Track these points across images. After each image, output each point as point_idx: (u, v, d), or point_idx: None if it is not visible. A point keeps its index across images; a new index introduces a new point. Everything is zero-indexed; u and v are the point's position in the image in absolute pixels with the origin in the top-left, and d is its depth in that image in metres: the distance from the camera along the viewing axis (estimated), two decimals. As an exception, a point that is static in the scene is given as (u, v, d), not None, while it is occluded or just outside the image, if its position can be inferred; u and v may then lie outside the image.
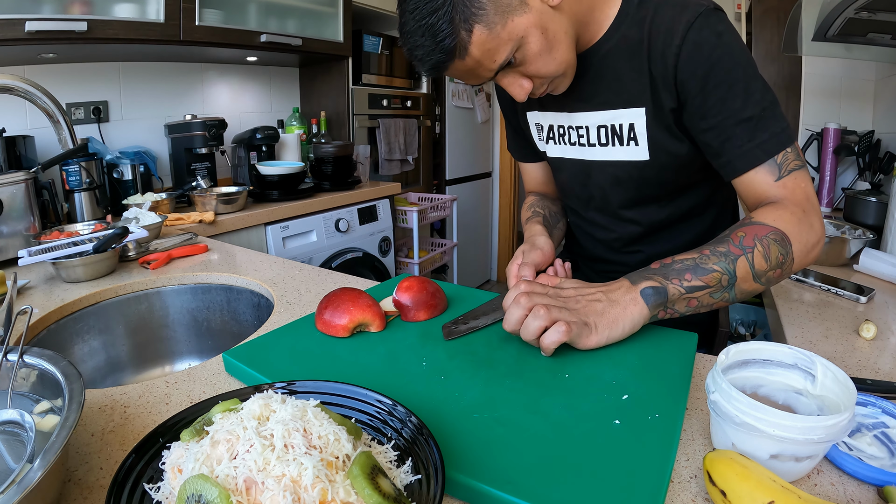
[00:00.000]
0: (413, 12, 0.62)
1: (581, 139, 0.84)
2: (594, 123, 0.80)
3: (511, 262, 0.80)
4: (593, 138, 0.82)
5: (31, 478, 0.33)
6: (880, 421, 0.50)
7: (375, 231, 2.25)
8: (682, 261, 0.64)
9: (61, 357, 0.49)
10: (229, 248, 1.24)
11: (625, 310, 0.62)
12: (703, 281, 0.63)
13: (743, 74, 0.66)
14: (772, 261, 0.64)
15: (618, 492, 0.40)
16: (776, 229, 0.64)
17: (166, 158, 2.01)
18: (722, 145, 0.69)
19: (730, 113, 0.67)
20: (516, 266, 0.77)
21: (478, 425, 0.48)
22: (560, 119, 0.86)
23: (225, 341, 1.04)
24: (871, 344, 0.73)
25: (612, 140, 0.80)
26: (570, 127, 0.84)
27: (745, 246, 0.64)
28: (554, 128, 0.88)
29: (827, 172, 1.85)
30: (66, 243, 1.02)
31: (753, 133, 0.67)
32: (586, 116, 0.81)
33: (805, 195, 0.67)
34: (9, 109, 1.63)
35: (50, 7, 1.40)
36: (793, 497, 0.36)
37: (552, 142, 0.90)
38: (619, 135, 0.78)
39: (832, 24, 1.35)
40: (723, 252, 0.64)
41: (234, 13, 1.85)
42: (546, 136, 0.90)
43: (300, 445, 0.35)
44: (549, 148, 0.92)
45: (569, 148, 0.87)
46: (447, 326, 0.68)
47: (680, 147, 0.75)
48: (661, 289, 0.63)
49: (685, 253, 0.66)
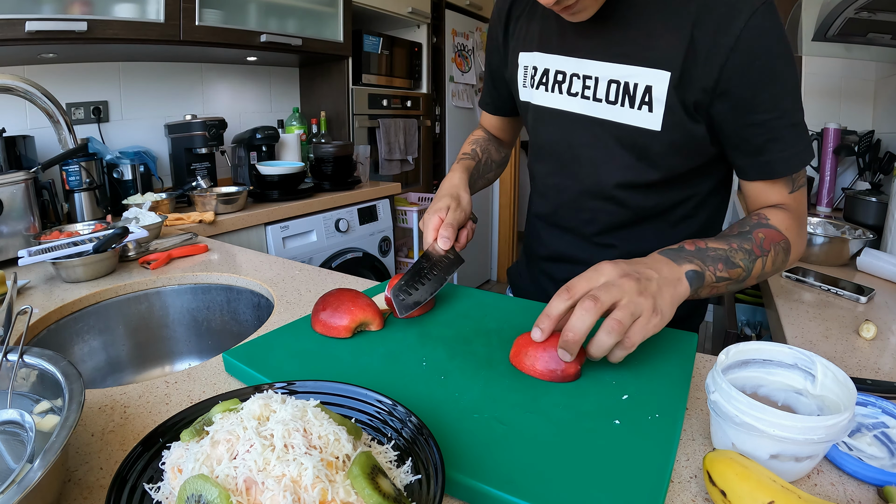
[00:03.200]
0: None
1: (587, 90, 0.74)
2: (605, 76, 0.71)
3: (432, 213, 0.76)
4: (601, 92, 0.73)
5: (31, 478, 0.33)
6: (880, 421, 0.50)
7: (375, 231, 2.25)
8: (715, 249, 0.63)
9: (61, 357, 0.49)
10: (229, 248, 1.24)
11: (675, 290, 0.57)
12: (729, 274, 0.63)
13: (795, 77, 0.64)
14: (775, 266, 0.67)
15: (618, 492, 0.40)
16: (786, 238, 0.67)
17: (166, 158, 2.01)
18: (766, 143, 0.66)
19: (781, 113, 0.64)
20: (438, 220, 0.74)
21: (478, 425, 0.48)
22: (563, 64, 0.76)
23: (225, 341, 1.04)
24: (871, 344, 0.73)
25: (623, 99, 0.71)
26: (573, 75, 0.75)
27: (764, 249, 0.65)
28: (550, 72, 0.78)
29: (827, 172, 1.85)
30: (66, 243, 1.02)
31: (797, 139, 0.65)
32: (598, 66, 0.72)
33: (804, 210, 0.71)
34: (9, 109, 1.63)
35: (50, 7, 1.40)
36: (793, 497, 0.36)
37: (543, 87, 0.79)
38: (632, 95, 0.70)
39: (832, 24, 1.35)
40: (748, 250, 0.64)
41: (234, 13, 1.85)
42: (537, 81, 0.80)
43: (300, 445, 0.35)
44: (535, 95, 0.81)
45: (566, 98, 0.77)
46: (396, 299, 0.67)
47: (696, 128, 0.69)
48: (701, 274, 0.60)
49: (714, 240, 0.64)
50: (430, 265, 0.73)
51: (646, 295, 0.54)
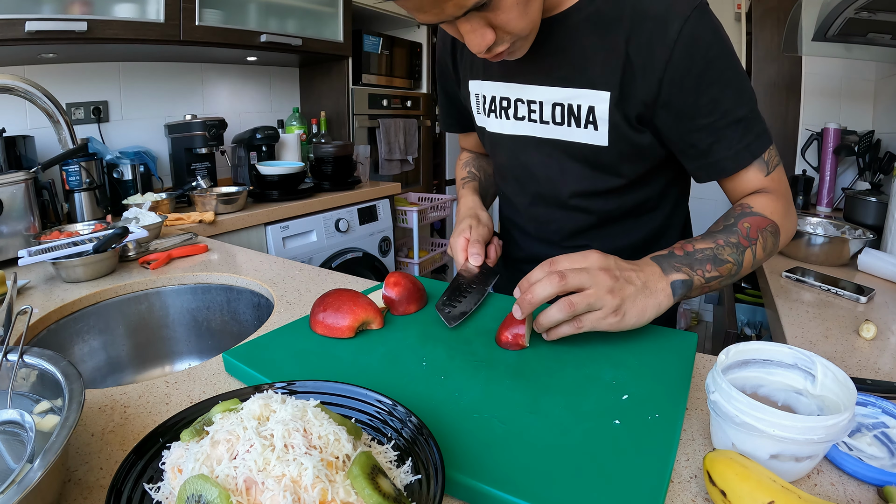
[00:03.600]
0: None
1: (532, 114, 0.76)
2: (549, 100, 0.73)
3: (457, 236, 0.77)
4: (546, 115, 0.74)
5: (31, 478, 0.33)
6: (880, 421, 0.50)
7: (375, 231, 2.25)
8: (703, 250, 0.65)
9: (61, 357, 0.49)
10: (229, 248, 1.24)
11: (655, 299, 0.61)
12: (719, 271, 0.64)
13: (734, 74, 0.65)
14: (767, 251, 0.68)
15: (618, 492, 0.40)
16: (773, 222, 0.68)
17: (166, 158, 2.01)
18: (711, 146, 0.68)
19: (721, 114, 0.65)
20: (464, 240, 0.75)
21: (478, 425, 0.48)
22: (507, 91, 0.77)
23: (225, 341, 1.04)
24: (871, 344, 0.73)
25: (569, 120, 0.73)
26: (518, 100, 0.76)
27: (751, 238, 0.66)
28: (497, 100, 0.79)
29: (827, 172, 1.85)
30: (66, 243, 1.02)
31: (743, 134, 0.66)
32: (541, 91, 0.73)
33: (787, 188, 0.71)
34: (9, 109, 1.63)
35: (50, 7, 1.40)
36: (793, 497, 0.36)
37: (493, 114, 0.81)
38: (577, 116, 0.72)
39: (832, 24, 1.35)
40: (734, 243, 0.65)
41: (234, 13, 1.85)
42: (487, 108, 0.81)
43: (300, 445, 0.35)
44: (488, 121, 0.83)
45: (515, 123, 0.78)
46: (443, 311, 0.69)
47: (642, 138, 0.71)
48: (688, 281, 0.63)
49: (701, 240, 0.66)
50: (468, 281, 0.74)
51: (615, 294, 0.58)
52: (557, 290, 0.57)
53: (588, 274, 0.58)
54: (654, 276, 0.62)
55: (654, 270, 0.63)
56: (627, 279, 0.60)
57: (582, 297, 0.57)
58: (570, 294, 0.58)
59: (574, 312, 0.58)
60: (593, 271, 0.58)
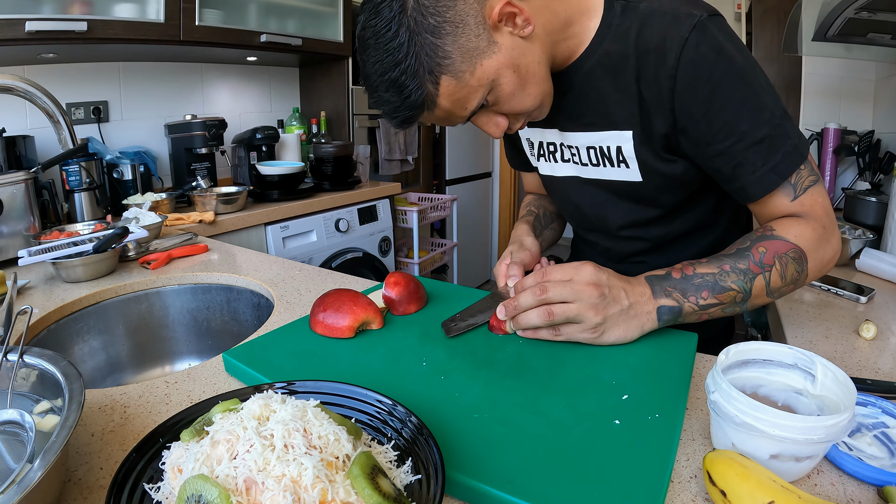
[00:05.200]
0: (375, 65, 0.57)
1: (574, 157, 0.79)
2: (583, 144, 0.76)
3: (499, 262, 0.79)
4: (584, 158, 0.77)
5: (31, 478, 0.33)
6: (880, 421, 0.50)
7: (375, 231, 2.25)
8: (703, 275, 0.63)
9: (61, 357, 0.49)
10: (229, 248, 1.24)
11: (639, 321, 0.62)
12: (718, 299, 0.62)
13: (749, 91, 0.61)
14: (787, 278, 0.63)
15: (618, 491, 0.40)
16: (796, 247, 0.63)
17: (166, 158, 2.01)
18: (734, 171, 0.64)
19: (739, 137, 0.62)
20: (505, 266, 0.76)
21: (478, 425, 0.48)
22: (550, 136, 0.81)
23: (225, 341, 1.04)
24: (871, 344, 0.73)
25: (603, 161, 0.75)
26: (561, 144, 0.80)
27: (764, 264, 0.62)
28: (544, 145, 0.83)
29: (827, 172, 1.85)
30: (66, 243, 1.02)
31: (767, 156, 0.62)
32: (575, 136, 0.76)
33: (824, 210, 0.65)
34: (9, 109, 1.63)
35: (50, 7, 1.40)
36: (793, 497, 0.36)
37: (542, 159, 0.85)
38: (609, 157, 0.74)
39: (832, 24, 1.35)
40: (742, 269, 0.62)
41: (234, 13, 1.85)
42: (537, 153, 0.86)
43: (300, 445, 0.35)
44: (540, 165, 0.87)
45: (561, 165, 0.82)
46: (447, 324, 0.69)
47: (674, 168, 0.70)
48: (677, 308, 0.62)
49: (706, 264, 0.64)
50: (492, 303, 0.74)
51: (597, 311, 0.60)
52: (537, 303, 0.61)
53: (572, 288, 0.60)
54: (642, 298, 0.62)
55: (645, 291, 0.63)
56: (615, 298, 0.61)
57: (562, 309, 0.61)
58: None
59: (552, 322, 0.61)
60: (579, 285, 0.61)
